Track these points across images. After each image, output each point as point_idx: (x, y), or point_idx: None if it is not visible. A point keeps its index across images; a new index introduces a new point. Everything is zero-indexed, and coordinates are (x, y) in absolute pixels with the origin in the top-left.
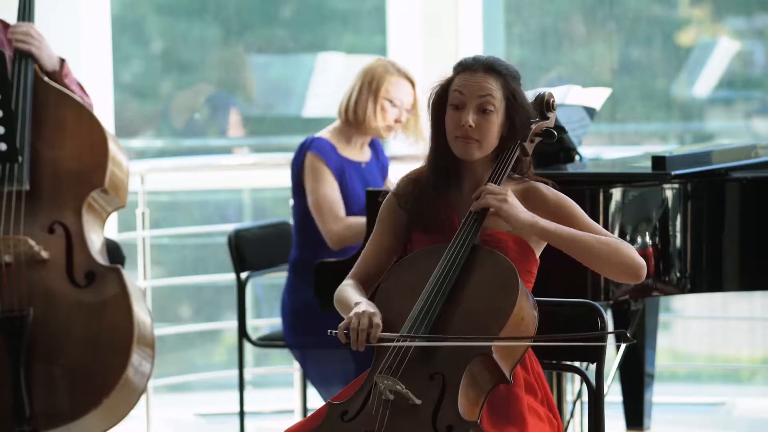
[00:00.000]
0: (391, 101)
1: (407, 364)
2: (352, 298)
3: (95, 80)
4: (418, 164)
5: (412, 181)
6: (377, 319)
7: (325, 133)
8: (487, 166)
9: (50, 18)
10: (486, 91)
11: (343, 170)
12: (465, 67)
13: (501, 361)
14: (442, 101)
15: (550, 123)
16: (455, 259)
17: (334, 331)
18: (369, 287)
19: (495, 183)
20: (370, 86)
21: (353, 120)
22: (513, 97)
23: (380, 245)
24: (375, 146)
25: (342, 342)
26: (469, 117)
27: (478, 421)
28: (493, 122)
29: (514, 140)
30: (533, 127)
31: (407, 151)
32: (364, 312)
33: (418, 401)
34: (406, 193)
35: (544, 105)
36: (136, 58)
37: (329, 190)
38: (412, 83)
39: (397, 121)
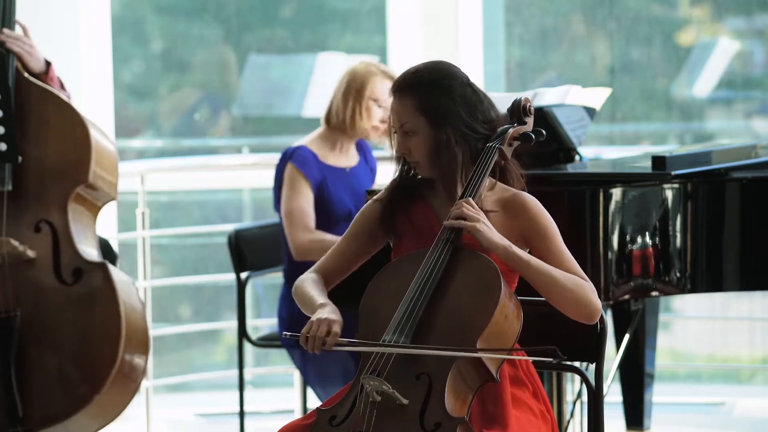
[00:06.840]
0: (376, 101)
1: (393, 364)
2: (316, 297)
3: (95, 80)
4: None
5: (389, 191)
6: (336, 328)
7: (307, 141)
8: (467, 170)
9: (50, 18)
10: (402, 120)
11: (324, 180)
12: (392, 90)
13: (487, 360)
14: None
15: (528, 127)
16: (437, 261)
17: (289, 334)
18: (329, 285)
19: (472, 188)
20: (353, 88)
21: (339, 123)
22: (435, 109)
23: (347, 249)
24: (363, 149)
25: (299, 344)
26: (398, 143)
27: (466, 417)
28: (419, 142)
29: (467, 144)
30: (511, 131)
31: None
32: (324, 319)
33: (405, 401)
34: (385, 205)
35: (521, 110)
36: (136, 58)
37: (303, 201)
38: None
39: (382, 121)
